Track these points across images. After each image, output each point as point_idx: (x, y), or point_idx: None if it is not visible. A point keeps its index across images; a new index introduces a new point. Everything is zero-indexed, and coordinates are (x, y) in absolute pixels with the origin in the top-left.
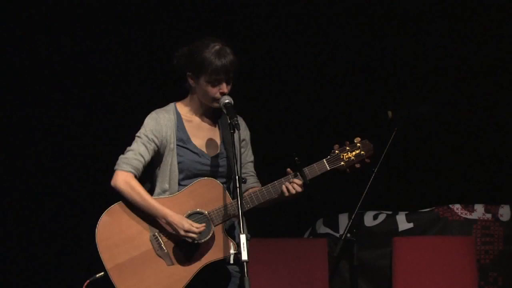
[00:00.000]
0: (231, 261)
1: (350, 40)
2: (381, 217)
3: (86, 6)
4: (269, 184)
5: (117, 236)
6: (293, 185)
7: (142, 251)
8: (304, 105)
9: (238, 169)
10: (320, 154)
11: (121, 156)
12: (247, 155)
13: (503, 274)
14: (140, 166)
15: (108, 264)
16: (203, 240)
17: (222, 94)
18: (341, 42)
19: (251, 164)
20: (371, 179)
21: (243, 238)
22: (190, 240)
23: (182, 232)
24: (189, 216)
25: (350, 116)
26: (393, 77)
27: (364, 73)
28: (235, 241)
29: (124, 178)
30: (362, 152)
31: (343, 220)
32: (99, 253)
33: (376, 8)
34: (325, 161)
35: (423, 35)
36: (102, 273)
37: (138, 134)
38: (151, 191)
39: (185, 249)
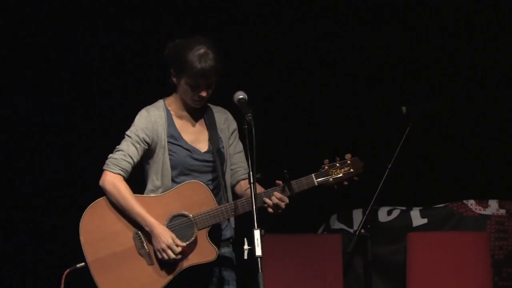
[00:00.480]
0: (245, 257)
1: (364, 36)
2: (395, 212)
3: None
4: (262, 192)
5: (101, 230)
6: (272, 199)
7: (124, 247)
8: (317, 102)
9: (253, 165)
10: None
11: (110, 155)
12: (236, 146)
13: None
14: (129, 167)
15: (89, 257)
16: (186, 243)
17: (201, 98)
18: (355, 38)
19: (241, 155)
20: (385, 175)
21: (257, 233)
22: (162, 257)
23: (162, 245)
24: (173, 218)
25: (364, 112)
26: (407, 72)
27: (379, 69)
28: (216, 245)
29: (112, 180)
30: (351, 170)
31: (357, 216)
32: (82, 245)
33: (390, 3)
34: (313, 176)
35: (439, 30)
36: (83, 263)
37: (128, 133)
38: (143, 187)
39: None
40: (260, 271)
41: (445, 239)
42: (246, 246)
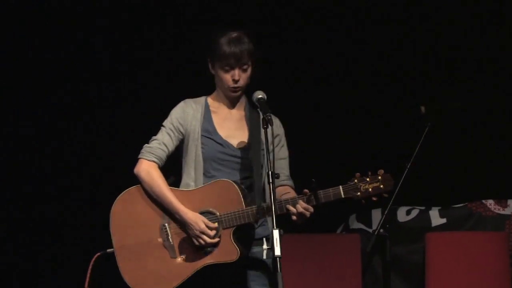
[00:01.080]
0: (264, 256)
1: (384, 36)
2: (414, 212)
3: None
4: (282, 201)
5: (130, 218)
6: (297, 207)
7: (150, 238)
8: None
9: (271, 165)
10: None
11: (145, 145)
12: (279, 152)
13: None
14: (163, 155)
15: (116, 243)
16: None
17: (234, 81)
18: (375, 38)
19: (284, 162)
20: (404, 174)
21: (276, 233)
22: (199, 243)
23: (196, 232)
24: (200, 214)
25: (384, 112)
26: (426, 71)
27: (398, 68)
28: (246, 245)
29: (147, 168)
30: (381, 186)
31: (376, 216)
32: (111, 230)
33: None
34: (341, 188)
35: (458, 30)
36: (113, 249)
37: (163, 123)
38: (177, 182)
39: (190, 245)
40: (279, 271)
41: (463, 239)
42: (265, 246)
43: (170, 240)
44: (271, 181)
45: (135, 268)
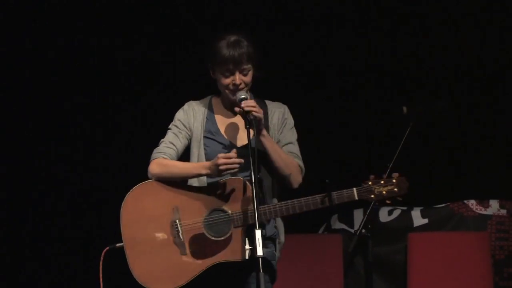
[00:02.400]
0: (246, 257)
1: (366, 38)
2: (396, 212)
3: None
4: (295, 200)
5: (141, 213)
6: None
7: (160, 234)
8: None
9: (254, 167)
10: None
11: (155, 149)
12: (286, 136)
13: None
14: (173, 153)
15: (126, 237)
16: (221, 239)
17: (235, 86)
18: (358, 40)
19: (291, 146)
20: (386, 174)
21: (258, 233)
22: (228, 169)
23: (221, 165)
24: (213, 211)
25: (366, 112)
26: (408, 73)
27: (380, 70)
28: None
29: (156, 162)
30: (395, 189)
31: (358, 216)
32: (121, 225)
33: (393, 6)
34: (355, 190)
35: (440, 32)
36: (122, 244)
37: (169, 126)
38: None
39: (201, 243)
40: (260, 270)
41: (446, 239)
42: (247, 246)
43: (181, 236)
44: (253, 181)
45: (145, 264)
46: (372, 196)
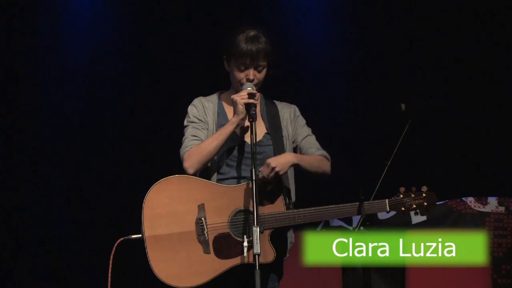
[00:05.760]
0: (245, 254)
1: (364, 34)
2: None
3: None
4: (323, 208)
5: (165, 208)
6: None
7: (183, 230)
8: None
9: (254, 162)
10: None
11: (180, 149)
12: (302, 131)
13: None
14: (198, 143)
15: (147, 232)
16: (246, 240)
17: (248, 80)
18: (356, 37)
19: (310, 138)
20: (384, 172)
21: (255, 231)
22: (253, 100)
23: (236, 99)
24: (238, 212)
25: (365, 110)
26: (407, 70)
27: (379, 66)
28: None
29: (188, 154)
30: (425, 203)
31: None
32: (142, 218)
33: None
34: (387, 202)
35: (438, 28)
36: (139, 235)
37: (184, 123)
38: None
39: (225, 242)
40: (257, 268)
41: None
42: (245, 244)
43: (206, 234)
44: (253, 178)
45: (166, 259)
46: (403, 208)
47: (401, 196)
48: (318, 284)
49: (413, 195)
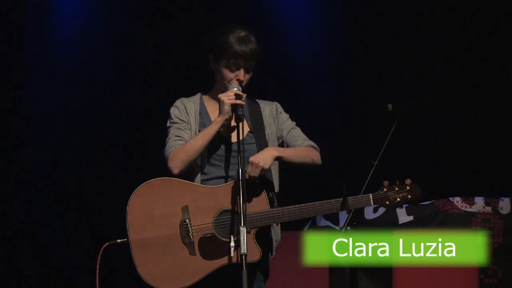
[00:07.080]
0: (231, 254)
1: (353, 33)
2: (381, 210)
3: None
4: (309, 204)
5: (149, 211)
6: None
7: (168, 233)
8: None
9: (241, 161)
10: None
11: (163, 150)
12: (287, 124)
13: (502, 267)
14: (182, 143)
15: (132, 235)
16: (233, 240)
17: (238, 81)
18: (345, 35)
19: (295, 131)
20: (371, 172)
21: (243, 231)
22: (233, 99)
23: (222, 99)
24: (223, 212)
25: (351, 110)
26: (394, 70)
27: (365, 66)
28: (262, 246)
29: (172, 154)
30: (409, 196)
31: (343, 213)
32: (127, 222)
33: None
34: (371, 196)
35: (425, 28)
36: (125, 239)
37: (167, 125)
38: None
39: (211, 243)
40: (244, 268)
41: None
42: (232, 244)
43: (191, 236)
44: (240, 178)
45: (152, 263)
46: (387, 202)
47: (385, 190)
48: (305, 284)
49: (396, 188)
